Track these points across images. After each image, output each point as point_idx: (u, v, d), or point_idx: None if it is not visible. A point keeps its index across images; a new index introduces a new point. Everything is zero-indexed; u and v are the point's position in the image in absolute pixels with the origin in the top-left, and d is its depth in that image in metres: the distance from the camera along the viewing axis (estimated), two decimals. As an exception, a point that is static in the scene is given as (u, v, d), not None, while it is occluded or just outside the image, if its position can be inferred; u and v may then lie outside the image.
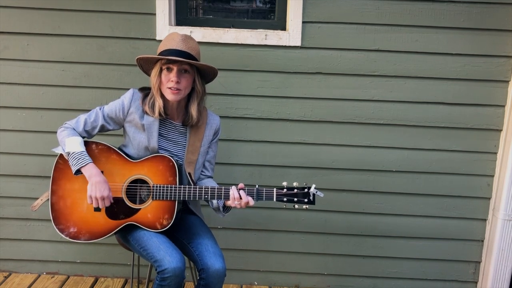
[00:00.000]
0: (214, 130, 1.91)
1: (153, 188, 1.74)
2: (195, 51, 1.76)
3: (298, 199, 1.71)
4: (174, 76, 1.70)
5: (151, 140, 1.79)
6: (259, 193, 1.71)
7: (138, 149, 1.81)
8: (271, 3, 2.39)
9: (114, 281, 2.53)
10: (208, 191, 1.72)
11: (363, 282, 2.54)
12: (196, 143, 1.85)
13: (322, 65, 2.27)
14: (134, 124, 1.80)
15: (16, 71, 2.30)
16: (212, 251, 1.73)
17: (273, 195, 1.71)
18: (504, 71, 2.25)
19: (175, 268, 1.60)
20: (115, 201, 1.76)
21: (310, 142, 2.36)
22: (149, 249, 1.67)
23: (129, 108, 1.79)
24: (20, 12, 2.23)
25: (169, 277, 1.60)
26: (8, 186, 2.43)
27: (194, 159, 1.85)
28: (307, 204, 1.72)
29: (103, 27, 2.24)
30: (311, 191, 1.71)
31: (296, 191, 1.71)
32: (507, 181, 2.30)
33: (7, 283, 2.45)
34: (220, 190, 1.72)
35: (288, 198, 1.71)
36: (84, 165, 1.69)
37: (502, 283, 2.44)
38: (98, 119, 1.80)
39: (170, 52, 1.70)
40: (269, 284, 2.57)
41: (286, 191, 1.71)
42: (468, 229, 2.45)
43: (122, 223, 1.75)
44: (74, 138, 1.73)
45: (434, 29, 2.22)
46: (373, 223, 2.45)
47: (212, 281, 1.69)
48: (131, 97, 1.80)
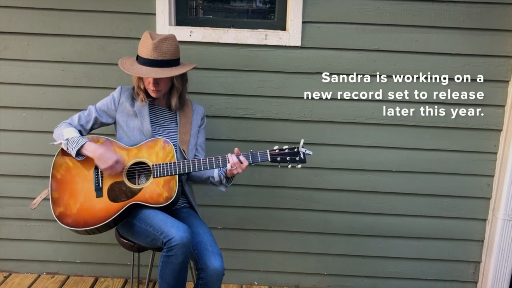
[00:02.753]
0: (201, 116, 2.02)
1: (153, 167, 1.80)
2: (170, 53, 1.81)
3: (290, 157, 1.81)
4: (151, 83, 1.81)
5: (144, 123, 1.88)
6: (254, 156, 1.81)
7: (133, 135, 1.89)
8: (271, 3, 2.40)
9: (114, 281, 2.53)
10: (206, 161, 1.80)
11: (363, 282, 2.54)
12: (187, 125, 1.95)
13: (322, 65, 2.27)
14: (126, 112, 1.90)
15: (16, 71, 2.30)
16: (211, 250, 1.74)
17: (267, 155, 1.81)
18: (504, 71, 2.25)
19: (182, 236, 1.62)
20: (117, 185, 1.79)
21: (310, 142, 2.35)
22: (155, 224, 1.70)
23: (119, 99, 1.91)
24: (20, 12, 2.24)
25: (176, 246, 1.62)
26: (8, 186, 2.43)
27: (187, 140, 1.93)
28: (299, 162, 1.82)
29: (103, 27, 2.25)
30: (300, 150, 1.82)
31: (287, 151, 1.82)
32: (507, 181, 2.30)
33: (7, 283, 2.46)
34: (218, 158, 1.79)
35: (281, 158, 1.81)
36: (83, 144, 1.77)
37: (502, 283, 2.44)
38: (92, 113, 1.91)
39: (144, 61, 1.80)
40: (269, 284, 2.57)
41: (278, 151, 1.82)
42: (468, 229, 2.45)
43: (125, 204, 1.77)
44: (70, 128, 1.84)
45: (434, 29, 2.22)
46: (373, 223, 2.45)
47: (211, 280, 1.71)
48: (120, 91, 1.93)
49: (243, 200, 2.44)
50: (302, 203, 2.43)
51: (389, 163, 2.38)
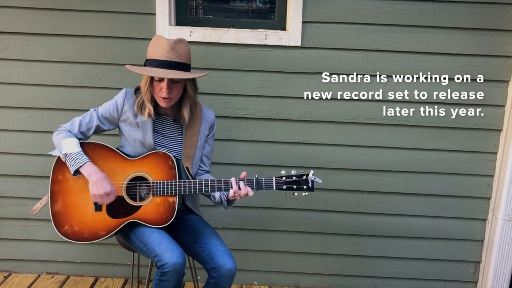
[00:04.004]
0: (210, 125, 1.91)
1: (153, 184, 1.74)
2: (185, 57, 1.71)
3: (297, 186, 1.71)
4: (165, 88, 1.69)
5: (147, 136, 1.79)
6: (258, 183, 1.72)
7: (134, 147, 1.81)
8: (271, 3, 2.39)
9: (114, 281, 2.53)
10: (208, 183, 1.72)
11: (363, 282, 2.54)
12: (193, 137, 1.85)
13: (322, 65, 2.26)
14: (129, 122, 1.81)
15: (16, 71, 2.30)
16: (223, 251, 1.74)
17: (272, 183, 1.71)
18: (504, 71, 2.25)
19: (175, 263, 1.60)
20: (116, 200, 1.75)
21: (310, 142, 2.36)
22: (149, 244, 1.67)
23: (122, 107, 1.79)
24: (20, 12, 2.23)
25: (169, 272, 1.60)
26: (8, 186, 2.43)
27: (192, 154, 1.85)
28: (306, 191, 1.72)
29: (103, 27, 2.24)
30: (309, 177, 1.71)
31: (295, 178, 1.71)
32: (507, 181, 2.30)
33: (7, 283, 2.45)
34: (220, 182, 1.72)
35: (287, 186, 1.71)
36: (82, 165, 1.69)
37: (502, 283, 2.44)
38: (93, 120, 1.80)
39: (159, 63, 1.67)
40: (269, 284, 2.57)
41: (285, 179, 1.71)
42: (468, 229, 2.45)
43: (123, 221, 1.75)
44: (70, 139, 1.73)
45: (434, 29, 2.22)
46: (373, 223, 2.45)
47: (224, 280, 1.71)
48: (124, 96, 1.80)
49: (243, 200, 2.42)
50: (302, 203, 2.43)
51: (389, 163, 2.38)
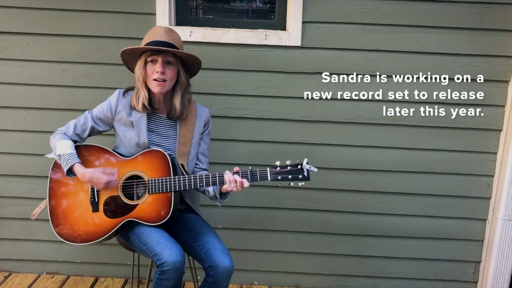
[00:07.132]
0: (204, 122, 1.92)
1: (148, 182, 1.75)
2: (179, 43, 1.80)
3: (293, 176, 1.69)
4: (159, 67, 1.73)
5: (141, 135, 1.81)
6: (253, 174, 1.72)
7: (129, 146, 1.83)
8: (271, 3, 2.39)
9: (114, 281, 2.53)
10: (203, 178, 1.73)
11: (363, 282, 2.54)
12: (187, 134, 1.87)
13: (322, 65, 2.27)
14: (123, 122, 1.83)
15: (16, 71, 2.30)
16: (220, 249, 1.75)
17: (267, 174, 1.71)
18: (504, 71, 2.25)
19: (174, 261, 1.61)
20: (113, 200, 1.76)
21: (310, 142, 2.36)
22: (149, 244, 1.68)
23: (116, 107, 1.82)
24: (20, 12, 2.23)
25: (169, 270, 1.61)
26: (8, 186, 2.43)
27: (187, 151, 1.86)
28: (302, 180, 1.70)
29: (103, 27, 2.25)
30: (304, 166, 1.69)
31: (290, 168, 1.70)
32: (507, 181, 2.30)
33: (7, 283, 2.46)
34: (215, 176, 1.73)
35: (282, 176, 1.69)
36: (73, 164, 1.72)
37: (502, 283, 2.44)
38: (87, 121, 1.84)
39: (154, 43, 1.74)
40: (269, 284, 2.57)
41: (280, 169, 1.70)
42: (468, 229, 2.45)
43: (120, 220, 1.76)
44: (64, 141, 1.77)
45: (434, 29, 2.22)
46: (373, 223, 2.45)
47: (221, 278, 1.72)
48: (118, 97, 1.84)
49: (243, 200, 2.44)
50: (302, 203, 2.43)
51: (389, 163, 2.38)
